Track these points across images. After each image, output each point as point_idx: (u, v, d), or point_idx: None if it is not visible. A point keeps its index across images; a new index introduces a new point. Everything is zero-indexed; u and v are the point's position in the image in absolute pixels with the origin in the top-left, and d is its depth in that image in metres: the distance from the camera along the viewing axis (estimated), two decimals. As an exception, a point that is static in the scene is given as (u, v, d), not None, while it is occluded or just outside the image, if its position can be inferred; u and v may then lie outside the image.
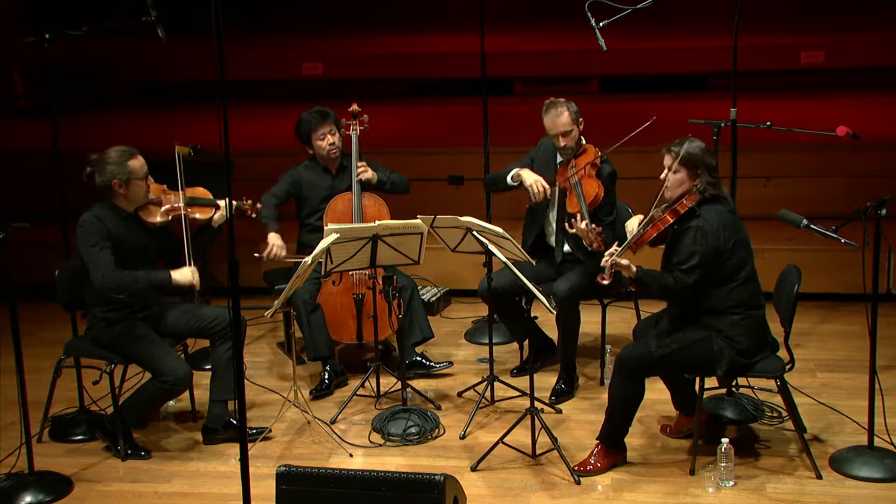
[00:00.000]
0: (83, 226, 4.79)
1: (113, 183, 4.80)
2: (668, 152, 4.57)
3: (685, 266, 4.45)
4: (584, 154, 5.35)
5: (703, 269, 4.44)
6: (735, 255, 4.47)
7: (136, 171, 4.83)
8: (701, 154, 4.51)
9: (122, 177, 4.79)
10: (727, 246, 4.45)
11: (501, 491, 4.56)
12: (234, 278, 3.67)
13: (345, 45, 10.98)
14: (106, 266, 4.72)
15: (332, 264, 5.01)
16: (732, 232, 4.47)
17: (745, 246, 4.52)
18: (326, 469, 3.92)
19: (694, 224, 4.47)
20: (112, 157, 4.80)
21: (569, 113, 5.30)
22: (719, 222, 4.45)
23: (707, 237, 4.43)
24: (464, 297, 6.99)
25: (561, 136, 5.32)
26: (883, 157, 7.24)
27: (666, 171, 4.57)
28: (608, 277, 4.44)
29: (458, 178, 7.42)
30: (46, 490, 4.63)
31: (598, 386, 5.58)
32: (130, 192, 4.85)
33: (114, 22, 5.37)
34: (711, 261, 4.44)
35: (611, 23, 5.32)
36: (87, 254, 4.75)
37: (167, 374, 4.76)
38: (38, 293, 5.57)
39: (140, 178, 4.84)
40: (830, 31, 10.29)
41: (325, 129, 5.76)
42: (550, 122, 5.33)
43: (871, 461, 4.58)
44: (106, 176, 4.80)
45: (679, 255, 4.49)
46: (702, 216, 4.47)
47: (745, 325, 4.48)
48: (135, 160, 4.83)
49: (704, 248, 4.42)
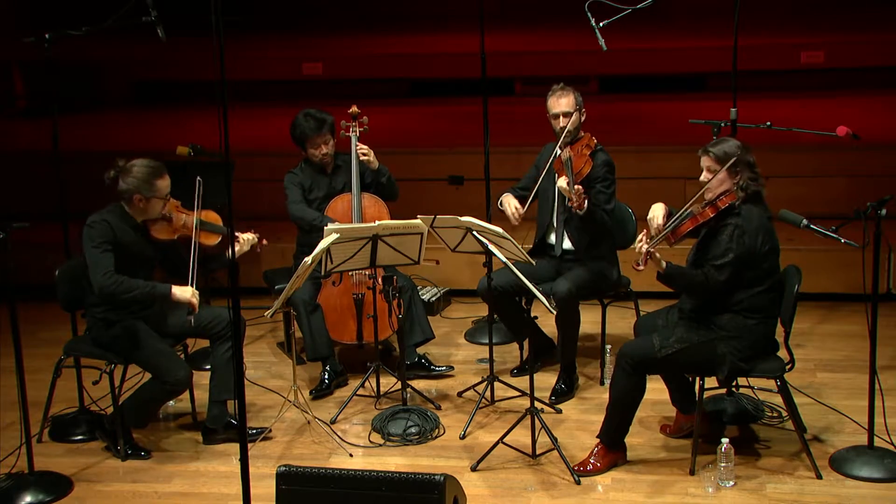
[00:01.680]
0: (91, 226, 4.79)
1: (135, 197, 4.81)
2: (706, 153, 4.53)
3: (719, 262, 4.43)
4: (580, 140, 5.39)
5: (736, 268, 4.42)
6: (767, 261, 4.46)
7: (162, 190, 4.84)
8: (739, 152, 4.48)
9: (146, 193, 4.81)
10: (762, 250, 4.44)
11: (501, 491, 4.56)
12: (234, 278, 3.67)
13: (345, 45, 10.98)
14: (106, 268, 4.73)
15: (332, 264, 5.02)
16: (768, 237, 4.46)
17: (776, 254, 4.51)
18: (326, 469, 3.92)
19: (733, 222, 4.45)
20: (140, 171, 4.80)
21: (573, 97, 5.35)
22: (758, 224, 4.44)
23: (745, 237, 4.41)
24: (464, 297, 6.99)
25: (562, 116, 5.33)
26: (883, 157, 7.24)
27: (704, 171, 4.54)
28: (643, 264, 4.40)
29: (458, 178, 7.42)
30: (46, 490, 4.63)
31: (598, 386, 5.58)
32: (148, 208, 4.86)
33: (114, 22, 5.37)
34: (745, 261, 4.42)
35: (611, 23, 5.32)
36: (90, 253, 4.75)
37: (167, 375, 4.77)
38: (38, 293, 5.56)
39: (162, 198, 4.86)
40: (830, 31, 10.29)
41: (320, 140, 5.75)
42: (554, 101, 5.36)
43: (871, 461, 4.58)
44: (130, 187, 4.80)
45: (714, 250, 4.47)
46: (741, 215, 4.45)
47: (757, 332, 4.48)
48: (162, 180, 4.83)
49: (740, 248, 4.41)
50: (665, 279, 4.51)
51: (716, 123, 5.30)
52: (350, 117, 5.82)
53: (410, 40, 11.11)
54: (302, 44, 11.17)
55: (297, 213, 5.75)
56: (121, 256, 4.79)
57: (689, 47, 9.92)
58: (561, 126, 5.34)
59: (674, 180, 7.08)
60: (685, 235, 4.55)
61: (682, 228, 4.52)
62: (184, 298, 4.80)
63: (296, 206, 5.77)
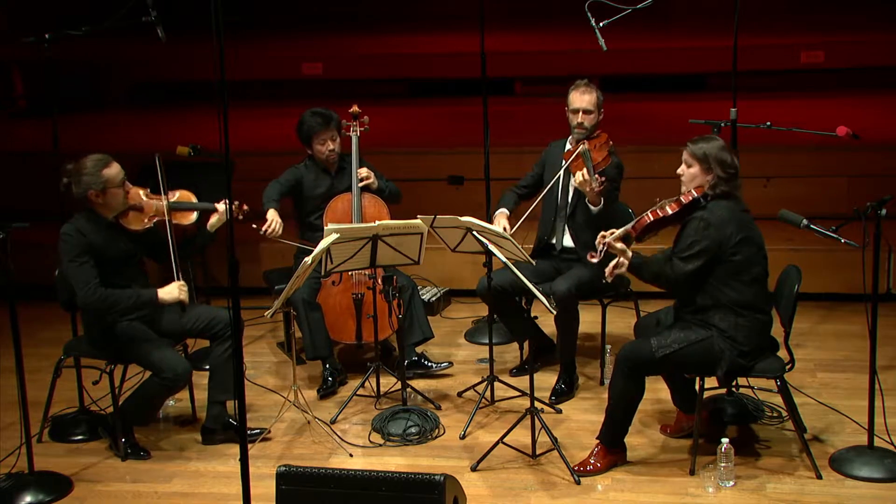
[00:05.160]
0: (64, 239, 4.73)
1: (89, 193, 4.74)
2: (686, 148, 4.59)
3: (684, 254, 4.46)
4: (597, 138, 5.42)
5: (702, 260, 4.44)
6: (741, 252, 4.46)
7: (112, 179, 4.76)
8: (716, 151, 4.51)
9: (97, 186, 4.73)
10: (732, 241, 4.44)
11: (501, 491, 4.56)
12: (234, 278, 3.67)
13: (345, 45, 10.98)
14: (87, 283, 4.67)
15: (332, 264, 5.02)
16: (740, 228, 4.46)
17: (754, 246, 4.50)
18: (326, 469, 3.92)
19: (698, 215, 4.48)
20: (87, 166, 4.74)
21: (596, 96, 5.41)
22: (727, 216, 4.45)
23: (710, 228, 4.43)
24: (464, 297, 6.99)
25: (582, 113, 5.37)
26: (883, 157, 7.24)
27: (682, 165, 4.58)
28: (598, 256, 4.47)
29: (458, 178, 7.43)
30: (46, 490, 4.63)
31: (598, 386, 5.58)
32: (108, 201, 4.79)
33: (114, 22, 5.37)
34: (712, 253, 4.44)
35: (611, 23, 5.32)
36: (68, 269, 4.71)
37: (166, 370, 4.76)
38: (38, 293, 5.57)
39: (116, 186, 4.77)
40: (830, 31, 10.29)
41: (327, 135, 5.75)
42: (577, 96, 5.40)
43: (871, 461, 4.58)
44: (82, 187, 4.74)
45: (680, 243, 4.51)
46: (708, 208, 4.48)
47: (747, 328, 4.48)
48: (109, 168, 4.76)
49: (706, 240, 4.42)
50: (632, 269, 4.54)
51: (716, 123, 5.31)
52: (351, 117, 5.83)
53: (410, 40, 11.12)
54: (302, 44, 11.17)
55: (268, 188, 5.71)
56: (101, 261, 4.74)
57: (689, 47, 9.92)
58: (579, 122, 5.37)
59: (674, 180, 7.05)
60: (647, 229, 4.56)
61: (642, 221, 4.56)
62: (171, 299, 4.77)
63: (273, 183, 5.75)
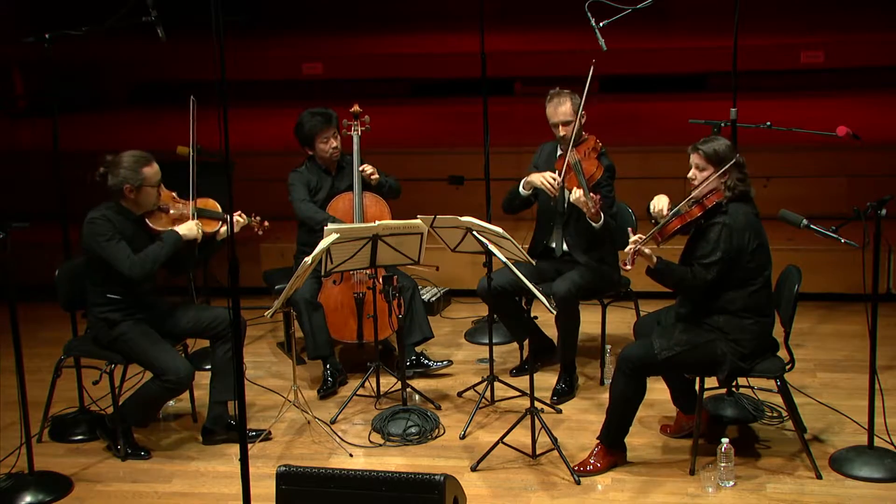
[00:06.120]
0: (93, 222, 4.78)
1: (125, 188, 4.80)
2: (695, 150, 4.55)
3: (707, 261, 4.44)
4: (585, 143, 5.38)
5: (723, 267, 4.43)
6: (755, 259, 4.47)
7: (150, 178, 4.82)
8: (728, 151, 4.50)
9: (134, 182, 4.79)
10: (750, 247, 4.44)
11: (501, 491, 4.56)
12: (234, 278, 3.67)
13: (345, 45, 10.97)
14: (128, 256, 4.75)
15: (333, 264, 5.02)
16: (756, 235, 4.47)
17: (765, 252, 4.52)
18: (326, 469, 3.92)
19: (720, 220, 4.46)
20: (127, 161, 4.79)
21: (571, 104, 5.34)
22: (746, 222, 4.45)
23: (732, 235, 4.42)
24: (464, 297, 6.99)
25: (561, 126, 5.34)
26: (883, 157, 7.24)
27: (693, 168, 4.56)
28: (630, 264, 4.42)
29: (458, 178, 7.43)
30: (46, 490, 4.63)
31: (598, 386, 5.58)
32: (141, 198, 4.84)
33: (114, 22, 5.37)
34: (733, 259, 4.43)
35: (611, 23, 5.32)
36: (104, 248, 4.74)
37: (169, 372, 4.76)
38: (38, 293, 5.56)
39: (152, 186, 4.84)
40: (830, 31, 10.28)
41: (329, 133, 5.75)
42: (552, 111, 5.36)
43: (871, 461, 4.58)
44: (119, 179, 4.79)
45: (702, 249, 4.48)
46: (729, 213, 4.46)
47: (753, 332, 4.48)
48: (150, 167, 4.82)
49: (728, 246, 4.42)
50: (654, 274, 4.52)
51: (716, 123, 5.30)
52: (352, 116, 5.83)
53: (410, 40, 11.11)
54: (302, 44, 11.16)
55: (306, 211, 5.73)
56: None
57: (689, 47, 9.92)
58: (562, 135, 5.35)
59: (674, 180, 7.04)
60: (673, 234, 4.56)
61: (669, 227, 4.53)
62: (192, 235, 4.88)
63: (305, 203, 5.74)
